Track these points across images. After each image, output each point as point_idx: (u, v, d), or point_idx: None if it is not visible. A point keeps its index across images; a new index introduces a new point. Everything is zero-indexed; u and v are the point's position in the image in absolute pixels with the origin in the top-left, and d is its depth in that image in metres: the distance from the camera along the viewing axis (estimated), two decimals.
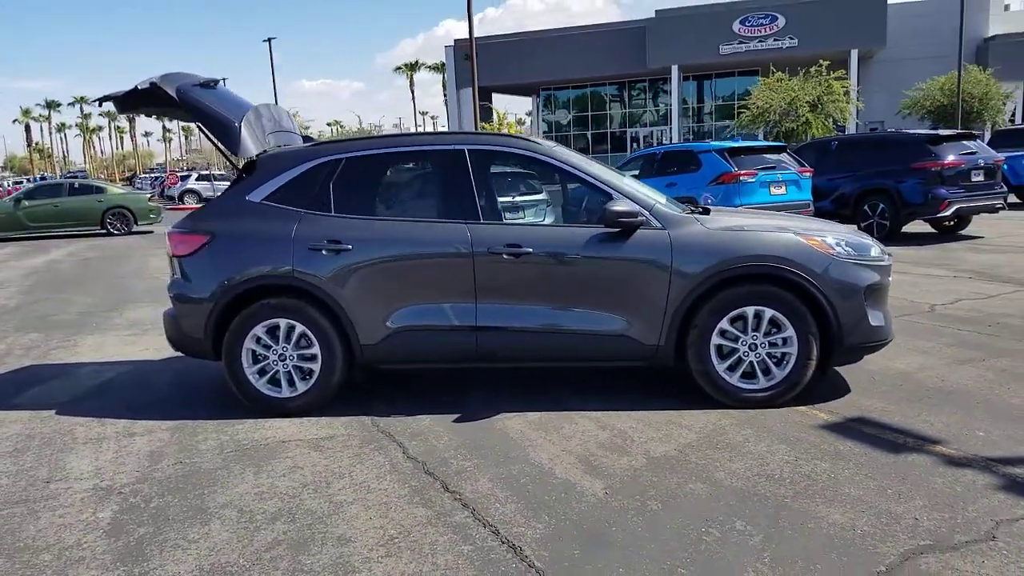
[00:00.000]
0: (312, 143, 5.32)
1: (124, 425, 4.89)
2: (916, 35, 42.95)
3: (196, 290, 4.92)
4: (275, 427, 4.73)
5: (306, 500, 3.68)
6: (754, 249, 4.63)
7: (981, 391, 4.89)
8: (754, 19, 41.57)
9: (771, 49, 41.39)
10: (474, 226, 4.75)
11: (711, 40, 41.96)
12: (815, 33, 40.40)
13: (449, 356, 4.91)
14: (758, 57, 42.41)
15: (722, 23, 41.69)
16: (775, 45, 41.43)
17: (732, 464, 3.91)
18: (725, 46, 41.82)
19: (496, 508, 3.51)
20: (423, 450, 4.26)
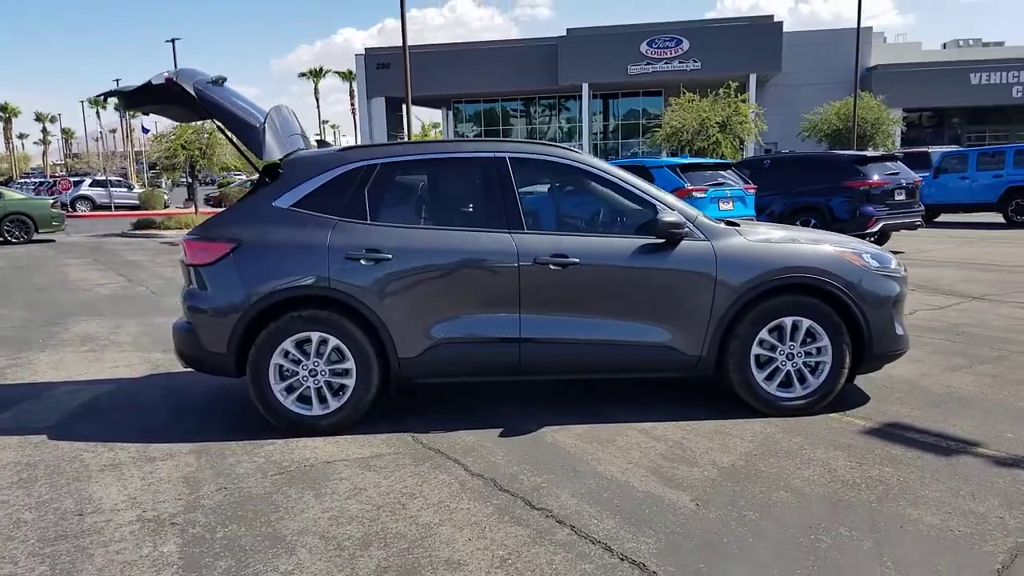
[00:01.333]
0: (341, 147, 5.09)
1: (137, 449, 4.50)
2: (806, 62, 45.55)
3: (219, 302, 4.60)
4: (309, 447, 4.47)
5: (389, 523, 3.48)
6: (795, 261, 4.73)
7: (987, 396, 5.15)
8: (660, 41, 43.03)
9: (676, 71, 42.97)
10: (518, 235, 4.65)
11: (620, 60, 43.17)
12: (717, 57, 42.25)
13: (491, 369, 4.77)
14: (663, 78, 43.96)
15: (631, 44, 42.96)
16: (680, 67, 43.03)
17: (802, 471, 3.96)
18: (633, 66, 43.08)
19: (594, 524, 3.42)
20: (485, 467, 4.11)
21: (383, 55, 46.78)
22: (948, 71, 47.93)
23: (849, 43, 49.49)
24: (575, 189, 5.10)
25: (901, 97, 42.73)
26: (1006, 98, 47.69)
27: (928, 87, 46.23)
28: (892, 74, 46.05)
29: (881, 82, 43.85)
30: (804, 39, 46.50)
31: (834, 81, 47.90)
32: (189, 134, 21.18)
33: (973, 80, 47.44)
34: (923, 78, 46.62)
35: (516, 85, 46.31)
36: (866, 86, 47.27)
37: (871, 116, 32.54)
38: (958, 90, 47.31)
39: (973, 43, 68.80)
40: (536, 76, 44.77)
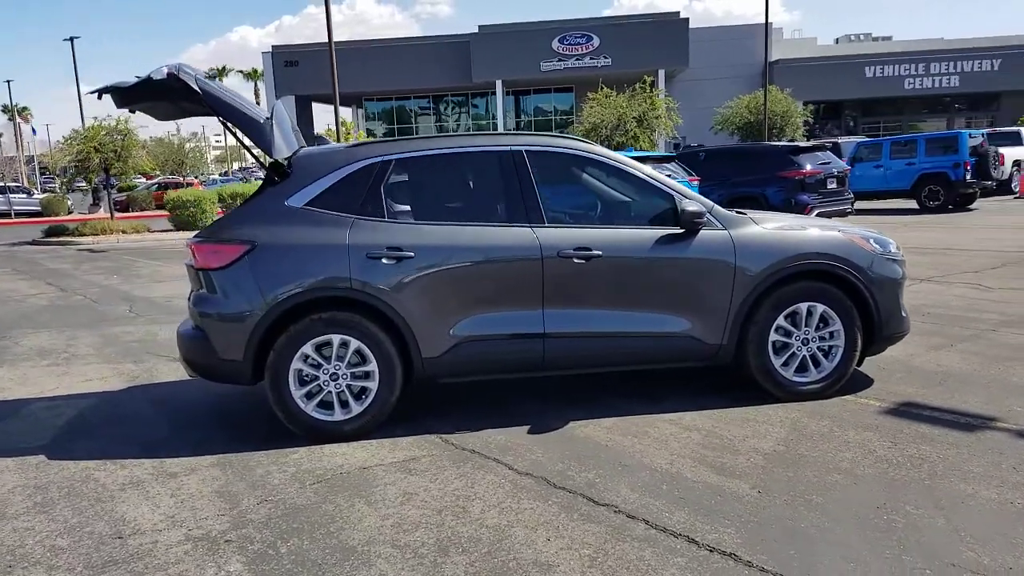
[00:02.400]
0: (351, 144, 4.89)
1: (152, 465, 4.22)
2: (710, 58, 46.98)
3: (235, 306, 4.35)
4: (337, 453, 4.29)
5: (458, 527, 3.36)
6: (809, 247, 4.83)
7: (979, 372, 5.38)
8: (571, 38, 43.50)
9: (587, 67, 43.54)
10: (540, 229, 4.58)
11: (533, 57, 43.42)
12: (627, 53, 43.04)
13: (515, 366, 4.69)
14: (575, 75, 44.48)
15: (543, 41, 43.27)
16: (591, 63, 43.61)
17: (844, 454, 4.04)
18: (545, 63, 43.41)
19: (667, 517, 3.39)
20: (529, 465, 4.03)
21: (291, 52, 45.64)
22: (844, 65, 50.31)
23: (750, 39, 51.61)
24: (592, 181, 5.06)
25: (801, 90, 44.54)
26: (898, 90, 50.40)
27: (826, 80, 48.34)
28: (792, 68, 47.95)
29: (782, 76, 45.57)
30: (708, 35, 47.96)
31: (737, 76, 49.64)
32: (102, 136, 20.06)
33: (868, 73, 49.94)
34: (821, 71, 48.74)
35: (429, 82, 45.99)
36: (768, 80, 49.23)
37: (780, 109, 33.79)
38: (854, 83, 49.70)
39: (864, 38, 72.54)
40: (449, 73, 44.56)
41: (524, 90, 48.36)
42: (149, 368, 6.42)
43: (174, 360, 6.61)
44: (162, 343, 7.40)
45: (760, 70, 50.67)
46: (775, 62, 50.04)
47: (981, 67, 50.02)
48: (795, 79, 44.44)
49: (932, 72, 50.37)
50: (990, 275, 9.46)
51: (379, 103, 50.01)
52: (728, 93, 43.69)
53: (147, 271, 13.81)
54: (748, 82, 49.57)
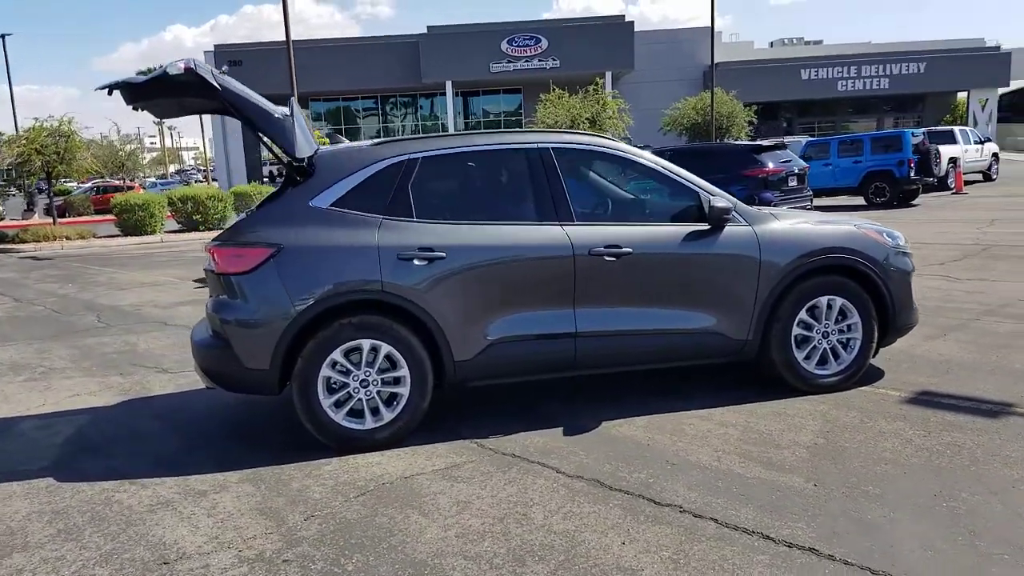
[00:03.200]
0: (375, 142, 4.74)
1: (176, 483, 4.01)
2: (654, 61, 47.62)
3: (261, 313, 4.17)
4: (372, 463, 4.14)
5: (526, 535, 3.27)
6: (830, 241, 4.88)
7: (981, 360, 5.52)
8: (520, 40, 43.55)
9: (536, 69, 43.62)
10: (570, 227, 4.52)
11: (483, 58, 43.31)
12: (574, 55, 43.29)
13: (547, 367, 4.61)
14: (524, 76, 44.53)
15: (491, 42, 43.21)
16: (540, 65, 43.71)
17: (883, 443, 4.08)
18: (495, 64, 43.35)
19: (734, 514, 3.36)
20: (576, 467, 3.96)
21: (234, 52, 44.49)
22: (781, 68, 51.57)
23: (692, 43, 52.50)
24: (619, 178, 5.02)
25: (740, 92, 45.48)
26: (832, 92, 51.86)
27: (764, 82, 49.39)
28: (732, 71, 48.88)
29: (722, 78, 46.28)
30: (651, 39, 48.58)
31: (680, 78, 50.40)
32: (44, 137, 19.21)
33: (803, 76, 51.27)
34: (759, 74, 49.83)
35: (377, 83, 45.43)
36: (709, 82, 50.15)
37: (725, 110, 34.44)
38: (790, 85, 50.97)
39: (796, 42, 74.44)
40: (398, 74, 44.12)
41: (473, 91, 48.20)
42: (139, 381, 6.13)
43: (164, 371, 6.35)
44: (144, 354, 7.09)
45: (701, 73, 51.84)
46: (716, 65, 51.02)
47: (908, 70, 51.81)
48: (735, 81, 45.30)
49: (863, 75, 51.96)
50: (955, 267, 9.76)
51: (325, 103, 49.18)
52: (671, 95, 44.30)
53: (103, 278, 13.26)
54: (690, 84, 50.36)
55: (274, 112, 4.29)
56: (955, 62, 51.45)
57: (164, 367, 6.53)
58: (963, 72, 51.29)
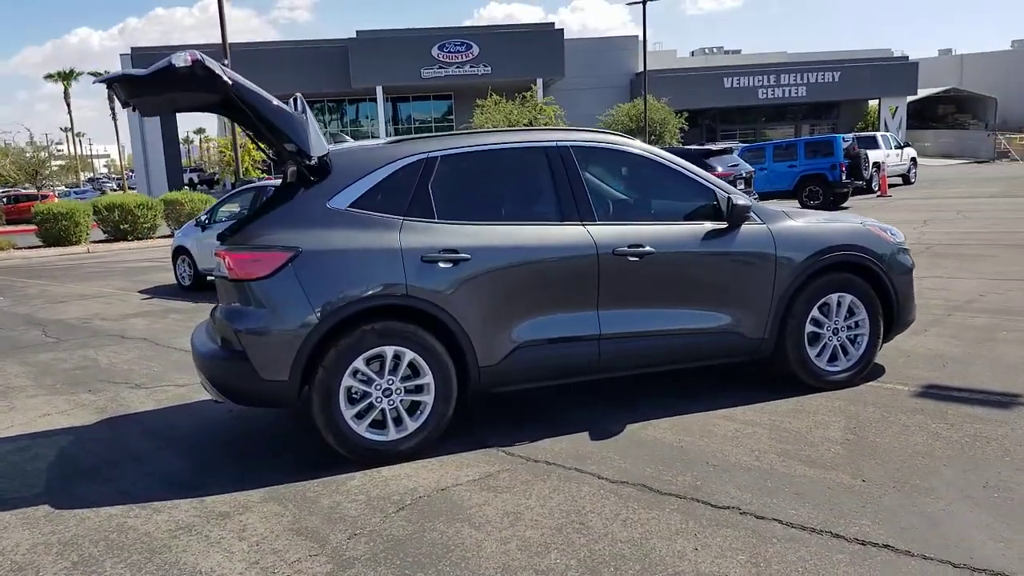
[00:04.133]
0: (390, 140, 4.53)
1: (192, 506, 3.72)
2: (583, 69, 48.18)
3: (281, 320, 3.92)
4: (399, 476, 3.95)
5: (592, 545, 3.14)
6: (840, 239, 4.91)
7: (969, 354, 5.65)
8: (451, 46, 43.41)
9: (468, 75, 43.58)
10: (592, 227, 4.42)
11: (414, 63, 42.98)
12: (505, 62, 43.40)
13: (570, 370, 4.49)
14: (455, 82, 44.42)
15: (422, 48, 42.93)
16: (471, 71, 43.68)
17: (913, 438, 4.10)
18: (426, 70, 43.08)
19: (795, 514, 3.31)
20: (616, 472, 3.85)
21: (152, 55, 42.90)
22: (705, 76, 52.90)
23: (620, 51, 53.39)
24: (637, 176, 4.94)
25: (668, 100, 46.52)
26: (753, 99, 53.45)
27: (688, 90, 50.53)
28: (658, 79, 49.82)
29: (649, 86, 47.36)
30: (580, 46, 49.17)
31: (609, 86, 51.20)
32: None
33: (726, 84, 52.68)
34: (684, 82, 50.95)
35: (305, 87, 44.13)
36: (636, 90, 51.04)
37: (658, 117, 35.12)
38: (713, 93, 52.29)
39: (717, 51, 76.74)
40: (327, 78, 43.33)
41: (403, 97, 47.81)
42: (113, 398, 5.73)
43: (138, 387, 5.98)
44: (109, 369, 6.66)
45: (628, 81, 52.76)
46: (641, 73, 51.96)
47: (824, 79, 53.85)
48: (661, 89, 46.23)
49: (782, 83, 53.73)
50: None
51: None
52: (601, 102, 44.93)
53: (35, 291, 12.50)
54: (619, 92, 51.19)
55: (288, 111, 4.05)
56: (867, 71, 53.75)
57: (136, 382, 6.14)
58: (875, 81, 53.62)
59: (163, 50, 43.77)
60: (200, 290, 11.28)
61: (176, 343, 7.59)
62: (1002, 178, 27.98)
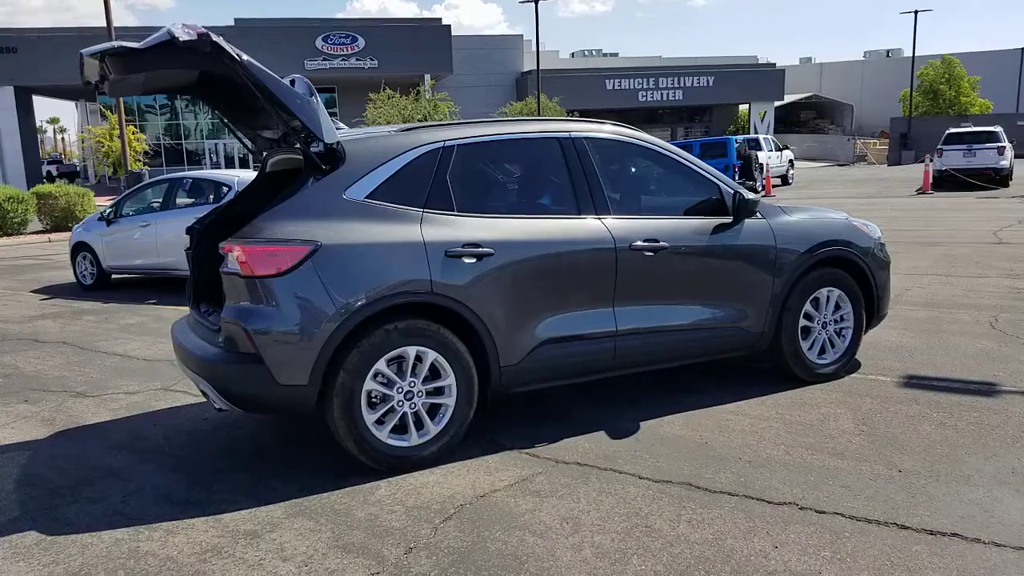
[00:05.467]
0: (403, 127, 4.24)
1: (211, 525, 3.35)
2: (469, 66, 48.15)
3: (300, 320, 3.59)
4: (428, 483, 3.71)
5: (669, 548, 3.03)
6: (832, 234, 5.02)
7: (929, 345, 5.91)
8: (336, 38, 42.24)
9: (354, 68, 42.52)
10: (609, 221, 4.32)
11: (296, 54, 41.43)
12: (393, 56, 42.63)
13: (587, 369, 4.37)
14: (340, 75, 43.24)
15: (306, 38, 41.55)
16: (357, 64, 42.65)
17: (922, 428, 4.22)
18: (310, 61, 41.70)
19: (849, 506, 3.33)
20: (654, 471, 3.77)
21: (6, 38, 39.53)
22: (588, 77, 53.99)
23: (505, 50, 53.69)
24: (645, 169, 4.86)
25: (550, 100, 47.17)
26: (633, 102, 55.01)
27: (571, 91, 51.38)
28: (544, 79, 50.43)
29: (534, 86, 47.88)
30: (466, 43, 49.04)
31: (495, 84, 51.40)
32: None
33: (608, 86, 53.98)
34: (568, 83, 51.78)
35: None
36: (522, 89, 51.49)
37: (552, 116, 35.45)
38: (595, 94, 53.39)
39: (595, 54, 78.51)
40: None
41: None
42: (57, 408, 5.14)
43: (82, 396, 5.41)
44: (38, 377, 5.98)
45: (514, 80, 53.12)
46: (528, 72, 52.45)
47: (699, 83, 56.14)
48: (547, 89, 46.82)
49: (660, 87, 55.59)
50: None
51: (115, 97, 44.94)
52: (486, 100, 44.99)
53: None
54: (505, 91, 51.44)
55: (297, 93, 3.73)
56: (739, 77, 56.47)
57: (77, 391, 5.54)
58: (745, 86, 56.40)
59: (16, 32, 40.35)
60: (105, 290, 10.38)
61: (105, 347, 6.92)
62: (871, 179, 30.01)
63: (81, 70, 4.07)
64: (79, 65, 4.02)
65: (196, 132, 48.08)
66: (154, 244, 9.60)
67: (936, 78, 52.86)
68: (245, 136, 4.89)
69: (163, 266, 9.70)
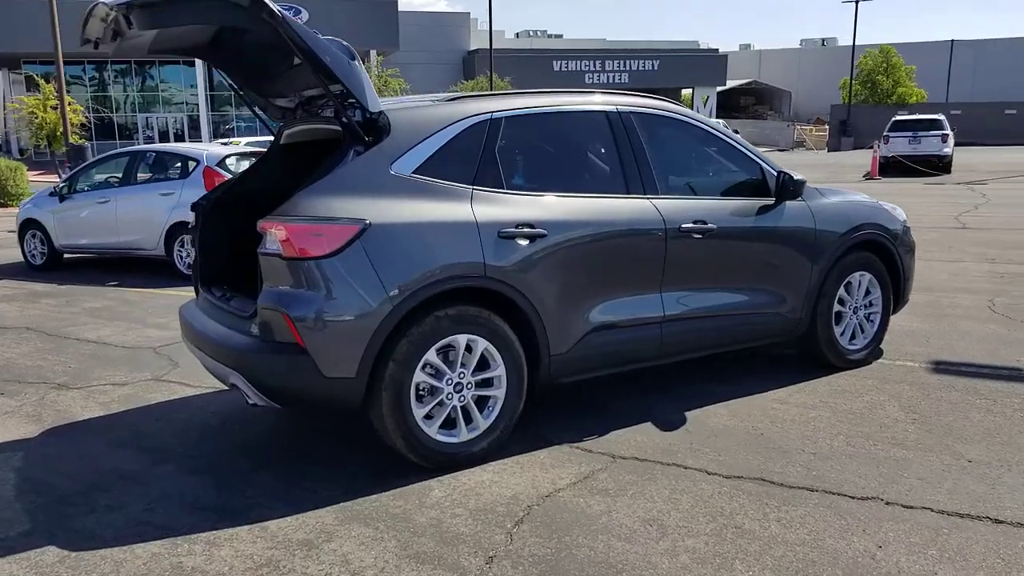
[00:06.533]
0: (445, 96, 3.90)
1: (253, 535, 3.02)
2: (416, 43, 47.31)
3: (349, 306, 3.26)
4: (481, 482, 3.44)
5: (771, 550, 2.84)
6: (865, 217, 4.90)
7: (940, 330, 5.89)
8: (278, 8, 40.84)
9: None
10: (658, 201, 4.09)
11: None
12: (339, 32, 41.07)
13: (636, 356, 4.15)
14: None
15: None
16: None
17: (970, 414, 4.12)
18: None
19: (935, 500, 3.19)
20: (721, 466, 3.57)
21: None
22: (535, 58, 53.69)
23: (452, 27, 53.01)
24: (691, 147, 4.63)
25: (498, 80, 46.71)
26: (580, 83, 54.89)
27: (519, 71, 51.00)
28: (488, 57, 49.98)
29: (482, 65, 47.28)
30: (410, 20, 48.12)
31: (442, 62, 50.67)
32: None
33: (556, 67, 53.79)
34: (515, 63, 51.31)
35: None
36: (469, 68, 50.86)
37: None
38: (543, 75, 53.03)
39: (541, 34, 78.08)
40: None
41: None
42: (39, 401, 4.67)
43: (65, 388, 4.95)
44: (7, 366, 5.47)
45: (461, 58, 52.47)
46: (475, 51, 51.88)
47: (645, 66, 56.48)
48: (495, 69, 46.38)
49: (607, 69, 55.72)
50: None
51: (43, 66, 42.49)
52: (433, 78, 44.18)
53: None
54: (451, 69, 50.79)
55: (344, 55, 3.39)
56: (683, 61, 56.97)
57: (58, 382, 5.06)
58: (689, 71, 56.91)
59: None
60: (56, 270, 9.69)
61: (75, 332, 6.40)
62: (819, 165, 30.47)
63: (84, 24, 3.64)
64: (83, 18, 3.59)
65: (127, 104, 46.13)
66: (114, 221, 8.98)
67: (874, 67, 54.16)
68: (255, 104, 4.51)
69: (123, 245, 9.09)
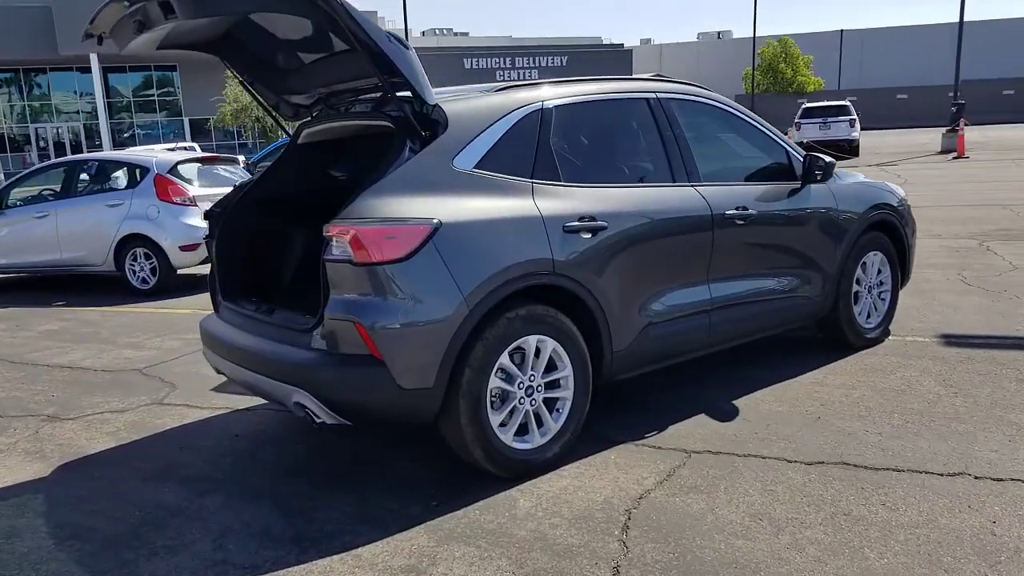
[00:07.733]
0: (492, 86, 3.69)
1: (347, 566, 2.77)
2: None
3: (427, 312, 3.04)
4: (564, 488, 3.28)
5: (896, 535, 2.80)
6: (879, 198, 4.97)
7: (932, 304, 6.03)
8: None
9: None
10: (702, 188, 4.02)
11: None
12: None
13: (687, 347, 4.07)
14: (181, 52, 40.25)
15: None
16: None
17: (1005, 385, 4.22)
18: None
19: (1017, 468, 3.23)
20: (797, 453, 3.52)
21: None
22: (445, 56, 53.34)
23: None
24: (723, 133, 4.56)
25: None
26: (492, 80, 54.75)
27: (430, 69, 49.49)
28: None
29: None
30: None
31: None
32: None
33: (466, 65, 53.56)
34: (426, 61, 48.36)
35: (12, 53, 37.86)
36: None
37: None
38: (454, 73, 52.80)
39: (446, 32, 77.77)
40: (28, 44, 37.08)
41: (119, 67, 42.33)
42: (35, 436, 4.23)
43: (56, 419, 4.52)
44: None
45: None
46: None
47: (554, 62, 56.86)
48: None
49: (517, 66, 55.83)
50: None
51: None
52: None
53: None
54: None
55: (402, 45, 3.17)
56: (590, 57, 57.60)
57: (46, 413, 4.61)
58: (597, 67, 57.55)
59: None
60: None
61: (41, 359, 5.88)
62: None
63: (95, 16, 3.30)
64: (97, 9, 3.25)
65: (12, 115, 43.55)
66: (55, 237, 8.32)
67: (774, 57, 56.17)
68: (267, 101, 4.22)
69: (68, 262, 8.44)
